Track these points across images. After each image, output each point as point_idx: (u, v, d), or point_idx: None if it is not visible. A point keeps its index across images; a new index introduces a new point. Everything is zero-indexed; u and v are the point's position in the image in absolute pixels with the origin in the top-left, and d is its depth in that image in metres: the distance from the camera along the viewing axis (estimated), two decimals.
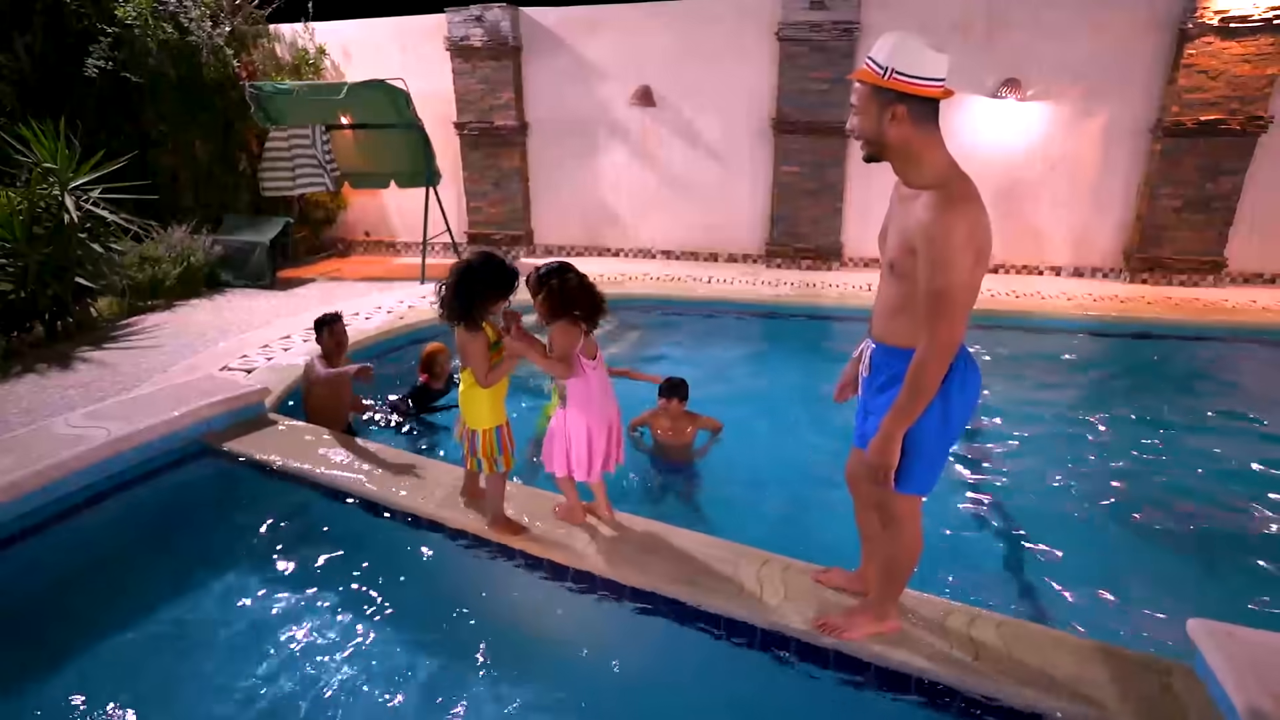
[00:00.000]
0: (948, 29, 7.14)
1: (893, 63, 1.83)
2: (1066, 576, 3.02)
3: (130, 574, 3.03)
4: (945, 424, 2.00)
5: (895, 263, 1.97)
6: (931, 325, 1.83)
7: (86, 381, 5.15)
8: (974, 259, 1.81)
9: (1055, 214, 7.44)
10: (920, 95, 1.84)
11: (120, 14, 7.52)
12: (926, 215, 1.82)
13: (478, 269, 2.69)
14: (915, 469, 2.04)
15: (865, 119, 1.92)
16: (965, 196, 1.83)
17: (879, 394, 2.10)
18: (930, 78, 1.83)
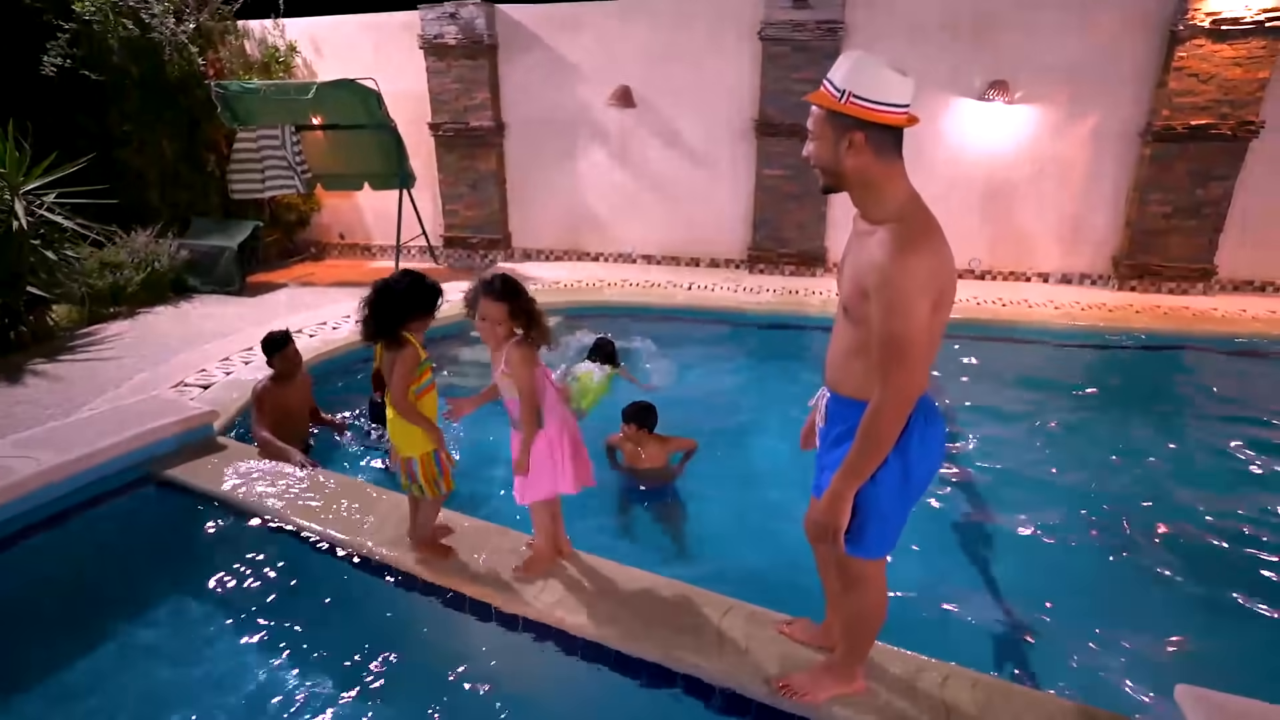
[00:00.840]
0: (934, 29, 6.96)
1: (850, 85, 1.64)
2: (1049, 622, 2.86)
3: (61, 616, 2.85)
4: (905, 482, 1.81)
5: (849, 305, 1.79)
6: (886, 374, 1.66)
7: (35, 397, 4.93)
8: (934, 302, 1.63)
9: (1043, 219, 7.29)
10: (880, 122, 1.65)
11: (79, 9, 7.25)
12: (881, 253, 1.64)
13: (397, 289, 2.53)
14: (872, 531, 1.86)
15: (821, 146, 1.75)
16: (926, 232, 1.66)
17: (834, 447, 1.91)
18: (892, 103, 1.65)
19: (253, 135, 7.59)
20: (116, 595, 2.98)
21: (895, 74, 1.64)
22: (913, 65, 6.89)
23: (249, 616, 2.79)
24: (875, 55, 1.65)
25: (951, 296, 1.69)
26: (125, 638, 2.72)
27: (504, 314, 2.42)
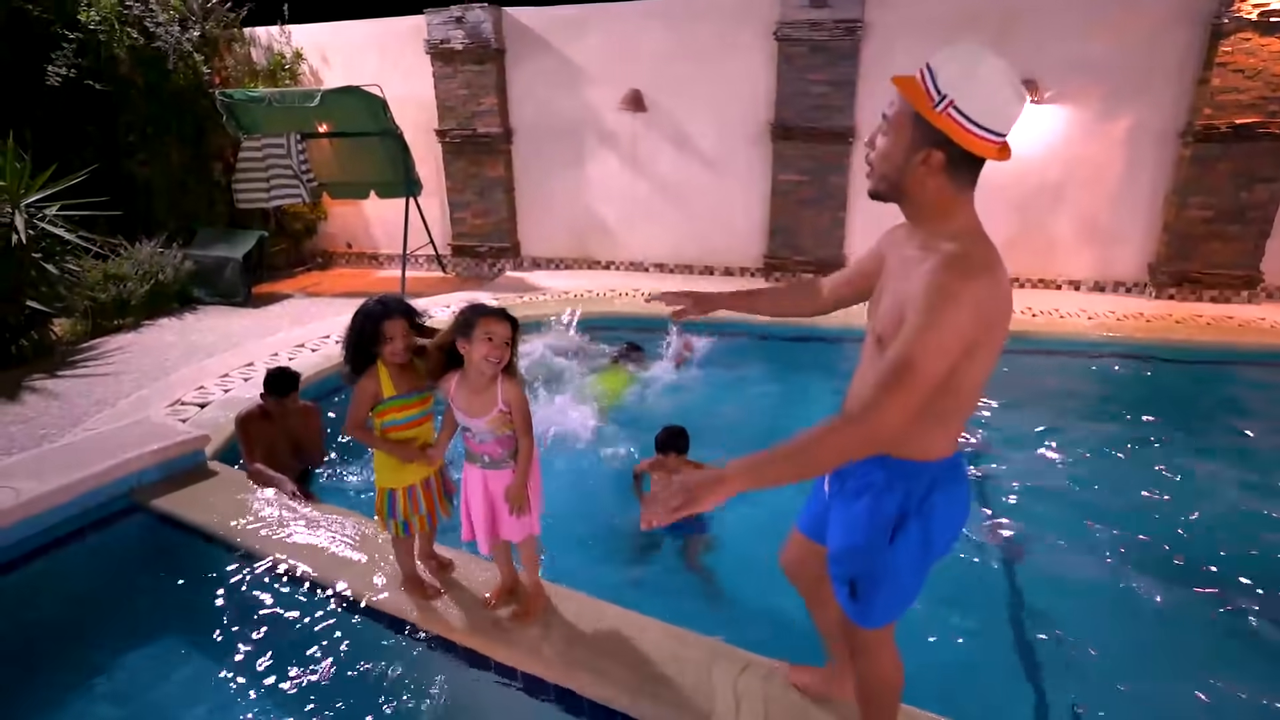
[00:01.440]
0: (957, 26, 6.67)
1: (955, 92, 1.35)
2: (1087, 669, 2.61)
3: (42, 653, 2.69)
4: (926, 551, 1.57)
5: (884, 335, 1.47)
6: (872, 394, 1.32)
7: (30, 416, 4.81)
8: (965, 345, 1.35)
9: (1074, 224, 6.96)
10: (969, 148, 1.38)
11: (84, 18, 7.17)
12: (928, 280, 1.36)
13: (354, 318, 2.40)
14: (882, 600, 1.62)
15: (892, 147, 1.47)
16: (986, 265, 1.38)
17: (844, 500, 1.65)
18: (991, 129, 1.37)
19: (258, 144, 7.46)
20: (97, 633, 2.83)
21: (1015, 94, 1.36)
22: None
23: (228, 656, 2.63)
24: (997, 62, 1.35)
25: (998, 344, 1.42)
26: (101, 678, 2.57)
27: (495, 350, 2.18)
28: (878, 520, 1.57)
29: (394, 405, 2.40)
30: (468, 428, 2.31)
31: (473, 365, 2.21)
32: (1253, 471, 4.04)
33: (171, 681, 2.58)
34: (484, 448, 2.32)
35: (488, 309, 2.23)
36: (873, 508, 1.57)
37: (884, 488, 1.56)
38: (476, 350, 2.18)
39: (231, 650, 2.67)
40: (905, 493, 1.54)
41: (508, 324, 2.20)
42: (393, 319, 2.33)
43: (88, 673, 2.60)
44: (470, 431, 2.31)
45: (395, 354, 2.35)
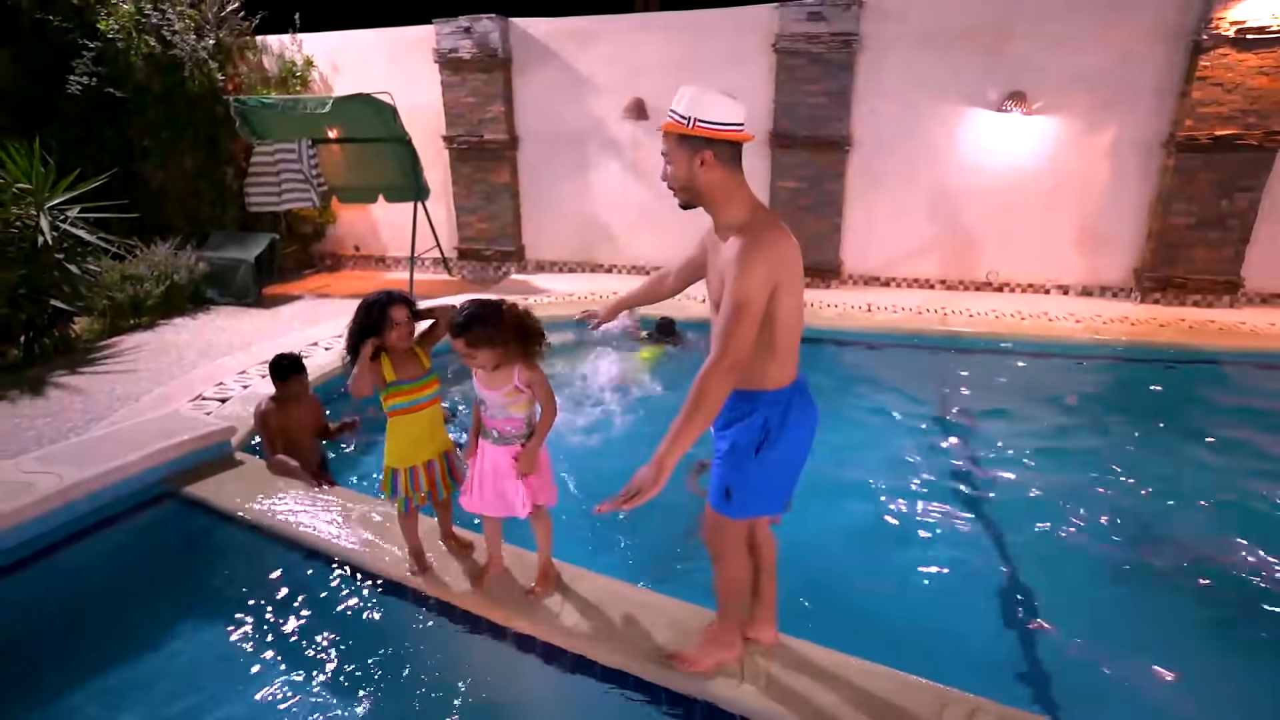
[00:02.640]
0: (949, 40, 6.92)
1: (694, 112, 1.92)
2: (1077, 652, 2.78)
3: (83, 630, 2.87)
4: (786, 457, 2.09)
5: (717, 302, 2.03)
6: (719, 337, 1.87)
7: (56, 410, 4.99)
8: (770, 284, 1.89)
9: (1062, 231, 7.20)
10: (723, 139, 1.93)
11: (103, 27, 7.37)
12: (733, 251, 1.90)
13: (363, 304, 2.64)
14: (752, 498, 2.12)
15: (677, 166, 2.01)
16: (769, 230, 1.94)
17: (725, 430, 2.13)
18: (731, 123, 1.93)
19: (270, 149, 7.65)
20: (135, 610, 2.99)
21: (728, 99, 1.93)
22: (928, 77, 6.94)
23: (260, 633, 2.81)
24: (708, 85, 1.94)
25: (797, 283, 1.98)
26: (137, 653, 2.74)
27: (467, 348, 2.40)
28: (747, 439, 2.05)
29: (398, 390, 2.61)
30: (483, 400, 2.52)
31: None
32: (1229, 463, 4.26)
33: (201, 656, 2.75)
34: (495, 423, 2.53)
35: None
36: (743, 430, 2.06)
37: (749, 414, 2.05)
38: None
39: (257, 626, 2.85)
40: (765, 417, 2.04)
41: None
42: (397, 305, 2.56)
43: (126, 647, 2.77)
44: (485, 405, 2.53)
45: (400, 338, 2.57)
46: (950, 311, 6.72)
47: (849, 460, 4.35)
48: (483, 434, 2.59)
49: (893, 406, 5.18)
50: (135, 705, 2.52)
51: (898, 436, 4.74)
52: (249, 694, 2.54)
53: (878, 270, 7.74)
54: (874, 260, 7.71)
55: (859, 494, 3.96)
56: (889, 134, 7.28)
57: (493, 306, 2.41)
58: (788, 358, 2.04)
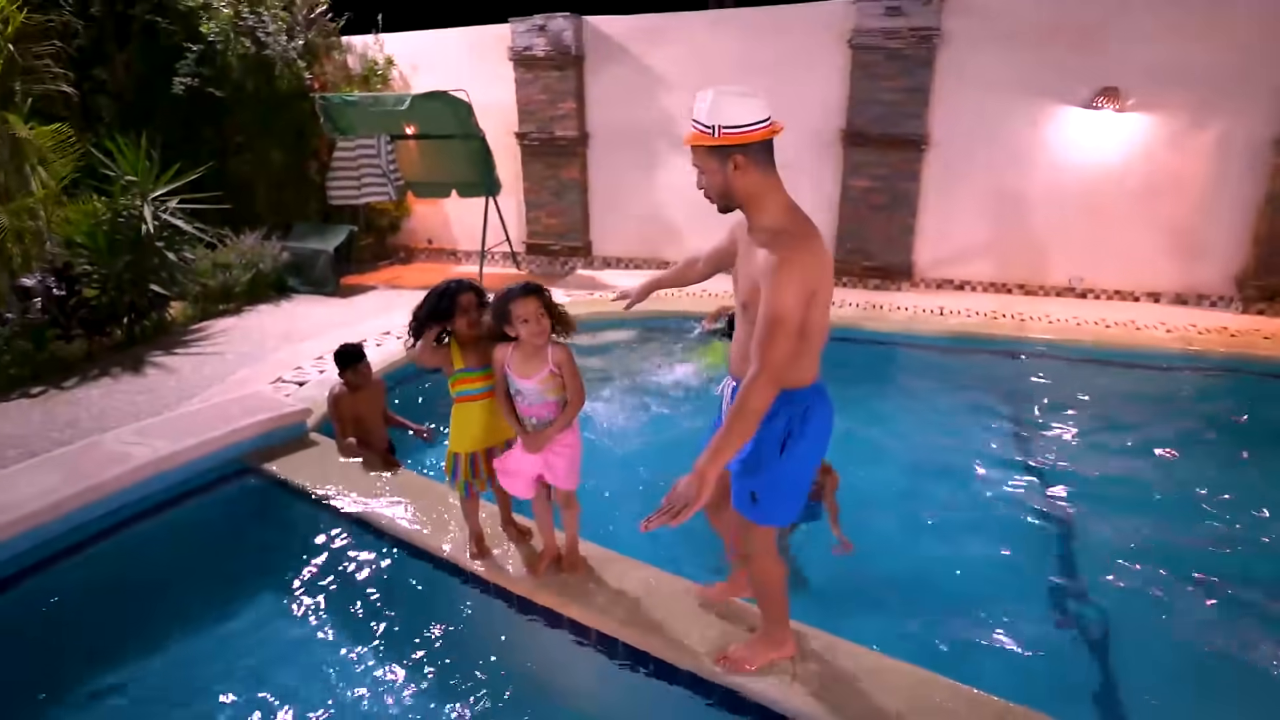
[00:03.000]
0: (1037, 34, 6.61)
1: (718, 120, 1.91)
2: (1151, 686, 2.62)
3: (165, 595, 3.06)
4: (808, 456, 2.10)
5: (747, 303, 2.04)
6: (759, 351, 1.87)
7: (153, 387, 5.33)
8: (811, 294, 1.89)
9: (1155, 235, 6.78)
10: (753, 141, 1.92)
11: (205, 30, 7.82)
12: (769, 255, 1.90)
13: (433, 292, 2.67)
14: (780, 502, 2.13)
15: (711, 175, 2.00)
16: (804, 237, 1.94)
17: None
18: (756, 121, 1.92)
19: (351, 144, 7.97)
20: (209, 578, 3.19)
21: (749, 97, 1.92)
22: (1013, 73, 6.65)
23: (321, 606, 2.96)
24: (723, 88, 1.92)
25: (829, 289, 2.00)
26: (214, 620, 2.91)
27: (540, 319, 2.44)
28: (771, 440, 2.05)
29: (466, 376, 2.67)
30: (519, 390, 2.56)
31: (524, 341, 2.49)
32: None
33: (266, 622, 2.92)
34: (533, 410, 2.57)
35: (512, 293, 2.47)
36: (766, 431, 2.00)
37: (772, 415, 1.97)
38: (520, 332, 2.45)
39: (323, 598, 2.99)
40: (788, 416, 2.04)
41: (534, 297, 2.45)
42: (466, 293, 2.61)
43: (202, 610, 2.96)
44: (521, 395, 2.56)
45: (468, 325, 2.61)
46: (1028, 317, 6.43)
47: (912, 466, 4.24)
48: (520, 424, 2.62)
49: (962, 413, 5.01)
50: (207, 663, 2.70)
51: (964, 444, 4.58)
52: (306, 660, 2.68)
53: (952, 273, 7.48)
54: (948, 263, 7.45)
55: (922, 502, 3.85)
56: (969, 132, 7.01)
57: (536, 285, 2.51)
58: (812, 360, 2.06)
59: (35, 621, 2.92)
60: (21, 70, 6.23)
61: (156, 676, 2.66)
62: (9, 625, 2.87)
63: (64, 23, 6.80)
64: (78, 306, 5.86)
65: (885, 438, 4.59)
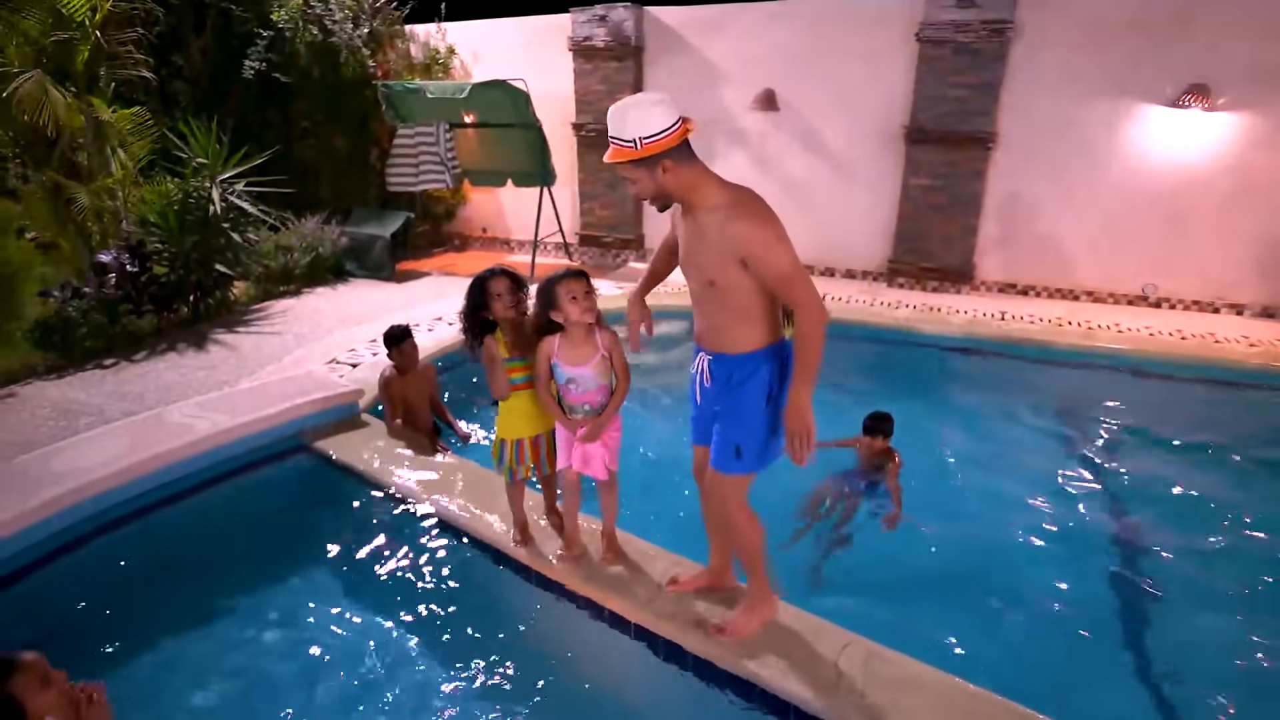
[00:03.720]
0: (1118, 27, 6.26)
1: (638, 133, 2.02)
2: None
3: (219, 564, 3.17)
4: (768, 406, 2.22)
5: (715, 279, 2.14)
6: (799, 302, 2.06)
7: (214, 363, 5.53)
8: (789, 240, 2.07)
9: (1241, 244, 6.37)
10: (673, 146, 2.03)
11: (276, 17, 8.05)
12: (738, 228, 2.04)
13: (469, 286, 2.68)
14: (759, 449, 2.26)
15: (643, 184, 2.12)
16: (751, 199, 2.09)
17: (729, 395, 2.25)
18: (670, 126, 2.03)
19: (411, 132, 8.09)
20: (264, 549, 3.29)
21: (658, 104, 2.03)
22: (1091, 69, 6.34)
23: (373, 583, 3.04)
24: (631, 99, 2.06)
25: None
26: (273, 581, 3.04)
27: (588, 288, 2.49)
28: (760, 393, 2.21)
29: (511, 366, 2.67)
30: (572, 379, 2.55)
31: (572, 324, 2.48)
32: None
33: (316, 592, 3.02)
34: (586, 396, 2.57)
35: (557, 276, 2.48)
36: (757, 387, 2.20)
37: (753, 372, 2.20)
38: (570, 312, 2.44)
39: (368, 573, 3.09)
40: (769, 369, 2.21)
41: (581, 278, 2.48)
42: (496, 278, 2.62)
43: (264, 572, 3.08)
44: (574, 384, 2.56)
45: (504, 309, 2.61)
46: (1096, 325, 6.14)
47: (965, 474, 4.11)
48: (570, 413, 2.62)
49: (1019, 422, 4.83)
50: (254, 623, 2.82)
51: (1016, 454, 4.42)
52: (345, 632, 2.77)
53: (1015, 277, 7.19)
54: (1012, 266, 7.16)
55: (974, 513, 3.73)
56: (1039, 130, 6.71)
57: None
58: (777, 316, 2.22)
59: (101, 581, 3.04)
60: (106, 56, 6.50)
61: (207, 639, 2.76)
62: (78, 584, 3.00)
63: (146, 10, 7.06)
64: (149, 283, 6.11)
65: (935, 443, 4.47)
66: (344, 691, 2.51)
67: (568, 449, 2.64)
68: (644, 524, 3.16)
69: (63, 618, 2.83)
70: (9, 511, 2.98)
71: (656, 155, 2.03)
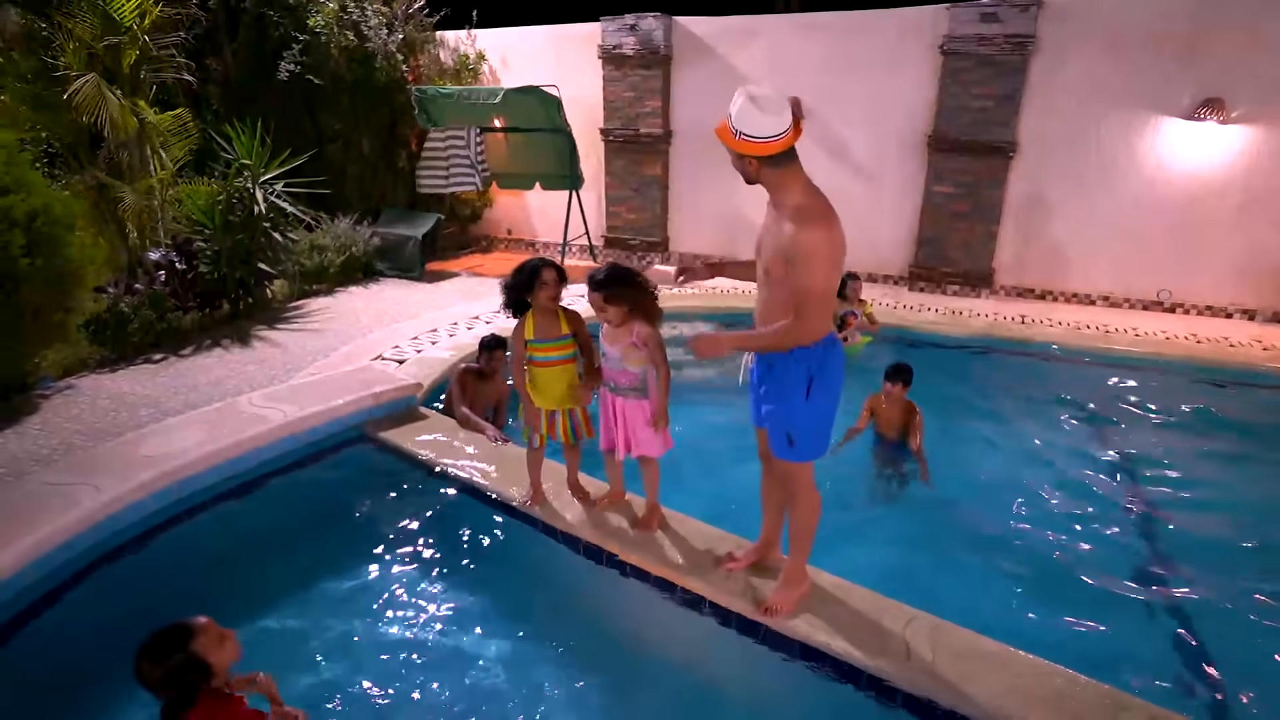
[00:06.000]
0: (1137, 41, 6.49)
1: (740, 126, 2.21)
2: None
3: (299, 548, 3.32)
4: (825, 398, 2.40)
5: (770, 270, 2.35)
6: (795, 313, 2.26)
7: (262, 359, 5.68)
8: (830, 266, 2.25)
9: (1253, 251, 6.59)
10: (767, 152, 2.20)
11: (311, 23, 8.22)
12: (794, 231, 2.21)
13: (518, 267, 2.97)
14: (810, 439, 2.42)
15: (735, 162, 2.32)
16: (824, 216, 2.24)
17: (773, 382, 2.43)
18: (769, 136, 2.19)
19: (442, 135, 8.26)
20: (332, 532, 3.46)
21: (769, 114, 2.18)
22: (1110, 82, 6.55)
23: (440, 565, 3.24)
24: (755, 95, 2.19)
25: (842, 261, 2.31)
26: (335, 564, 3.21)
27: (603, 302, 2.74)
28: (797, 387, 2.37)
29: (534, 346, 2.98)
30: (605, 353, 2.89)
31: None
32: None
33: (382, 575, 3.20)
34: (612, 374, 2.90)
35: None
36: (793, 381, 2.37)
37: (794, 366, 2.36)
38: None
39: (435, 556, 3.29)
40: (807, 365, 2.35)
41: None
42: (548, 268, 2.89)
43: (327, 556, 3.25)
44: (606, 357, 2.89)
45: (549, 298, 2.90)
46: (1113, 329, 6.34)
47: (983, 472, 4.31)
48: (604, 384, 2.95)
49: (1036, 425, 5.03)
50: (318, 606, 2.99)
51: (1038, 457, 4.60)
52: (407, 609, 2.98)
53: (1033, 282, 7.39)
54: (1030, 271, 7.37)
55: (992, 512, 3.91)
56: (1059, 141, 6.93)
57: (628, 272, 2.79)
58: (825, 316, 2.38)
59: (186, 564, 3.20)
60: (149, 60, 6.67)
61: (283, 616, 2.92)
62: (168, 564, 3.17)
63: (188, 14, 7.24)
64: (194, 281, 6.27)
65: (961, 440, 4.68)
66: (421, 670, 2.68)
67: (605, 429, 3.02)
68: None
69: (159, 593, 2.96)
70: (109, 494, 3.15)
71: (747, 154, 2.23)
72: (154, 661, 1.75)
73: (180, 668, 1.75)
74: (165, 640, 1.77)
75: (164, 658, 1.75)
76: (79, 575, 2.96)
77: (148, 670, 1.74)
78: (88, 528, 3.02)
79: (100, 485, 3.19)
